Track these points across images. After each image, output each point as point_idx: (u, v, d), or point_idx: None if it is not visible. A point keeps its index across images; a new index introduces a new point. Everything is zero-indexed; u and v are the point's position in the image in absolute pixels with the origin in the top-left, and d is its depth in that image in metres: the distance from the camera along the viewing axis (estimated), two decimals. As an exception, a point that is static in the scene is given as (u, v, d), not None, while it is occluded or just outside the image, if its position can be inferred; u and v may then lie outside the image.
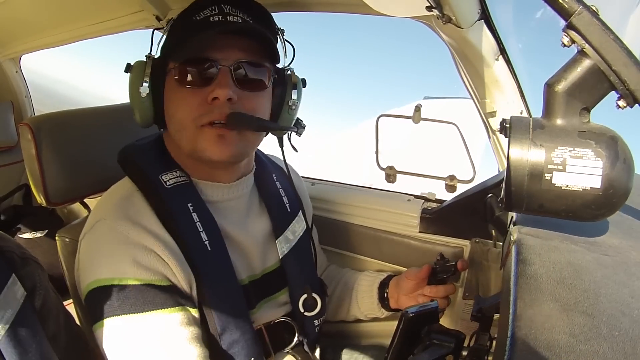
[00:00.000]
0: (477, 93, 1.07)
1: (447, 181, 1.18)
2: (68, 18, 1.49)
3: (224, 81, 0.75)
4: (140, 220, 0.75)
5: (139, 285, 0.71)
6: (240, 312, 0.79)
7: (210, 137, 0.76)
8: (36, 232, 1.77)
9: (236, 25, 0.76)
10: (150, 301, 0.71)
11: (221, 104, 0.75)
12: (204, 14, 0.76)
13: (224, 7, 0.76)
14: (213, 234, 0.79)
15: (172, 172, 0.81)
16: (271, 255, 0.91)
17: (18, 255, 0.68)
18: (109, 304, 0.71)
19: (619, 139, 0.55)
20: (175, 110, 0.78)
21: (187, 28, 0.77)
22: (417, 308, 0.75)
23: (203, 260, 0.77)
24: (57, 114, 1.03)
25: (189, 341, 0.73)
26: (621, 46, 0.52)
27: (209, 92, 0.75)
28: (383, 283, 1.06)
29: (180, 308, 0.74)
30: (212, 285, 0.77)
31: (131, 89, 0.79)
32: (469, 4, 0.83)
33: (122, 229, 0.73)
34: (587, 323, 0.46)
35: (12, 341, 0.60)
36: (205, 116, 0.75)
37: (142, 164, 0.81)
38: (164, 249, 0.74)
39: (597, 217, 0.58)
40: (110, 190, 0.83)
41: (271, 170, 0.97)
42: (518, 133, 0.57)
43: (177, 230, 0.76)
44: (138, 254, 0.72)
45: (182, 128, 0.77)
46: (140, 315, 0.71)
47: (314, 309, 0.92)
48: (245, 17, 0.77)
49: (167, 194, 0.78)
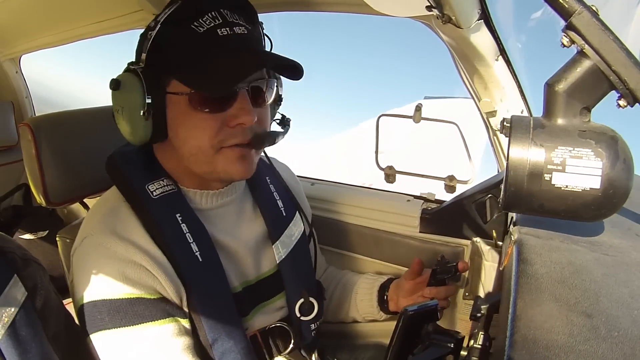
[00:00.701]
0: (477, 93, 1.07)
1: (447, 181, 1.18)
2: (67, 18, 1.49)
3: (246, 105, 0.72)
4: (128, 234, 0.73)
5: (128, 299, 0.71)
6: (232, 320, 0.78)
7: (232, 157, 0.74)
8: (36, 233, 1.77)
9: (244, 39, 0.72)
10: (140, 314, 0.71)
11: (244, 129, 0.73)
12: (207, 24, 0.69)
13: (224, 14, 0.71)
14: (204, 244, 0.77)
15: (159, 180, 0.79)
16: (266, 260, 0.89)
17: (19, 256, 0.68)
18: (99, 318, 0.71)
19: (619, 138, 0.55)
20: (189, 135, 0.73)
21: (192, 43, 0.70)
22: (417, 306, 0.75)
23: (194, 271, 0.75)
24: (57, 114, 1.03)
25: (181, 352, 0.73)
26: (621, 46, 0.52)
27: (230, 116, 0.72)
28: (383, 286, 1.05)
29: (171, 319, 0.73)
30: (203, 296, 0.76)
31: (128, 110, 0.72)
32: (469, 4, 0.83)
33: (109, 244, 0.72)
34: (586, 323, 0.45)
35: (13, 341, 0.60)
36: (227, 140, 0.73)
37: (127, 173, 0.79)
38: (152, 262, 0.73)
39: (597, 218, 0.58)
40: (98, 203, 0.81)
41: (264, 172, 0.95)
42: (518, 132, 0.57)
43: (166, 243, 0.74)
44: (126, 269, 0.71)
45: (199, 152, 0.74)
46: (131, 329, 0.70)
47: (310, 313, 0.91)
48: (244, 21, 0.74)
49: (154, 206, 0.76)
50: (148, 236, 0.74)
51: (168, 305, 0.74)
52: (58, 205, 0.98)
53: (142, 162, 0.81)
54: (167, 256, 0.74)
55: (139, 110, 0.71)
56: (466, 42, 0.91)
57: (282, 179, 0.97)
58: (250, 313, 0.85)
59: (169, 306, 0.74)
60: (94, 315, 0.71)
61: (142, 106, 0.71)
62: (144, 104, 0.71)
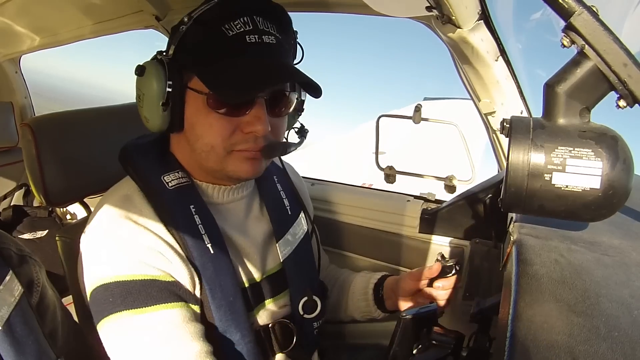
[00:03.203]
0: (477, 93, 1.07)
1: (447, 181, 1.18)
2: (67, 18, 1.50)
3: (261, 115, 0.73)
4: (142, 220, 0.74)
5: (141, 280, 0.71)
6: (240, 315, 0.79)
7: (241, 159, 0.76)
8: (36, 233, 1.77)
9: (272, 49, 0.73)
10: (153, 296, 0.71)
11: (256, 137, 0.75)
12: (237, 28, 0.71)
13: (257, 21, 0.72)
14: (215, 236, 0.78)
15: (174, 172, 0.80)
16: (271, 258, 0.90)
17: (15, 252, 0.68)
18: (112, 300, 0.71)
19: (619, 139, 0.55)
20: (204, 132, 0.75)
21: (219, 45, 0.71)
22: (415, 310, 0.75)
23: (205, 262, 0.76)
24: (57, 114, 1.03)
25: (192, 336, 0.73)
26: (621, 46, 0.52)
27: (244, 122, 0.74)
28: (377, 284, 1.04)
29: (183, 304, 0.74)
30: (213, 288, 0.77)
31: (148, 97, 0.74)
32: (469, 4, 0.83)
33: (124, 228, 0.73)
34: (586, 323, 0.45)
35: (9, 337, 0.60)
36: (238, 145, 0.75)
37: (143, 164, 0.81)
38: (166, 247, 0.74)
39: (597, 218, 0.58)
40: (112, 190, 0.82)
41: (272, 172, 0.96)
42: (518, 133, 0.57)
43: (180, 232, 0.75)
44: (140, 251, 0.72)
45: (211, 150, 0.76)
46: (144, 310, 0.70)
47: (313, 312, 0.92)
48: (275, 31, 0.75)
49: (170, 196, 0.77)
50: (162, 224, 0.75)
51: (181, 289, 0.74)
52: (58, 206, 0.98)
53: (157, 154, 0.82)
54: (180, 245, 0.75)
55: (158, 98, 0.73)
56: (466, 42, 0.91)
57: (289, 178, 0.97)
58: (255, 309, 0.85)
59: (182, 291, 0.74)
60: (106, 297, 0.71)
61: (161, 95, 0.73)
62: (163, 93, 0.73)
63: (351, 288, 1.08)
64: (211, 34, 0.72)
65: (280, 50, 0.75)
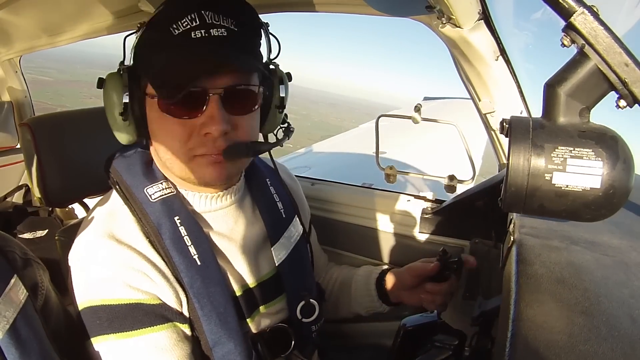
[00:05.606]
0: (477, 93, 1.07)
1: (447, 181, 1.18)
2: (67, 19, 1.50)
3: (215, 113, 0.69)
4: (126, 239, 0.74)
5: (127, 304, 0.71)
6: (232, 323, 0.77)
7: (204, 164, 0.73)
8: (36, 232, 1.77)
9: (220, 42, 0.69)
10: (139, 320, 0.71)
11: (214, 138, 0.71)
12: (183, 26, 0.67)
13: (205, 15, 0.68)
14: (202, 246, 0.76)
15: (158, 184, 0.78)
16: (266, 263, 0.88)
17: (20, 255, 0.68)
18: (99, 323, 0.71)
19: (620, 139, 0.55)
20: (162, 139, 0.73)
21: (165, 46, 0.69)
22: (416, 319, 0.74)
23: (192, 275, 0.75)
24: (57, 114, 1.04)
25: (179, 358, 0.73)
26: (621, 46, 0.52)
27: (200, 124, 0.70)
28: (379, 279, 1.04)
29: (170, 325, 0.73)
30: (202, 299, 0.75)
31: (109, 109, 0.73)
32: (469, 4, 0.83)
33: (109, 249, 0.72)
34: (586, 323, 0.46)
35: (13, 341, 0.60)
36: (198, 149, 0.72)
37: (126, 177, 0.79)
38: (151, 268, 0.73)
39: (597, 218, 0.58)
40: (97, 206, 0.81)
41: (264, 174, 0.94)
42: (518, 133, 0.57)
43: (164, 246, 0.74)
44: (125, 274, 0.71)
45: (173, 157, 0.73)
46: (130, 334, 0.70)
47: (312, 315, 0.91)
48: (229, 23, 0.70)
49: (153, 209, 0.75)
50: (147, 241, 0.74)
51: (167, 310, 0.73)
52: (58, 206, 0.98)
53: (140, 165, 0.80)
54: (165, 261, 0.74)
55: (117, 109, 0.72)
56: (466, 42, 0.91)
57: (282, 179, 0.96)
58: (250, 316, 0.84)
59: (168, 311, 0.74)
60: (93, 320, 0.71)
61: (119, 106, 0.72)
62: (120, 103, 0.72)
63: (353, 285, 1.07)
64: (158, 37, 0.70)
65: (234, 42, 0.70)
